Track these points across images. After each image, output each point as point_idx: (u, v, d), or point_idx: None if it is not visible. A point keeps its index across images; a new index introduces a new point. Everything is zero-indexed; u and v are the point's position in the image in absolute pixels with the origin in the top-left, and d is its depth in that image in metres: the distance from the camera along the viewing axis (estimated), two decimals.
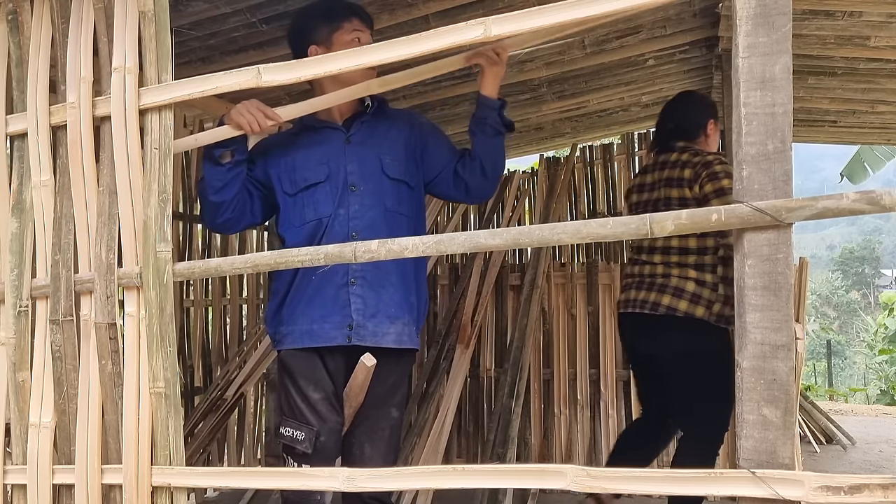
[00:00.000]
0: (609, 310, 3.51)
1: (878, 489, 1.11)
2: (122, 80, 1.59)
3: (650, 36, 2.98)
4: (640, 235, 1.26)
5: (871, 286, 37.93)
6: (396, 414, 1.92)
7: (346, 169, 1.84)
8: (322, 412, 1.81)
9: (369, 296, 1.81)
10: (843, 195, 1.14)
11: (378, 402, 1.87)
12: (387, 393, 1.88)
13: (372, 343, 1.80)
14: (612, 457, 2.60)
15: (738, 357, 1.21)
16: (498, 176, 1.95)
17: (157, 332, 1.57)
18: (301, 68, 1.50)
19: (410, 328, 1.89)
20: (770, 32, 1.19)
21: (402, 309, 1.85)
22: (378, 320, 1.81)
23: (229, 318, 3.63)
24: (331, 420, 1.82)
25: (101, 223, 1.62)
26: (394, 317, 1.84)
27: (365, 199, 1.83)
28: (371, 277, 1.82)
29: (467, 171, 1.92)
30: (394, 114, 1.99)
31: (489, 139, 1.88)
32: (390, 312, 1.83)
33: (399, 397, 1.93)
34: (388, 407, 1.89)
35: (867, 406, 7.89)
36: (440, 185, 1.98)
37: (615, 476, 1.26)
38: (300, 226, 1.84)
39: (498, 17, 1.35)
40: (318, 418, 1.81)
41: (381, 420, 1.88)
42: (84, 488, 1.61)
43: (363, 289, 1.81)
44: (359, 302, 1.80)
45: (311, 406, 1.81)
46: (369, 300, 1.81)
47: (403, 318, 1.86)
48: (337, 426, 1.84)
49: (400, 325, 1.85)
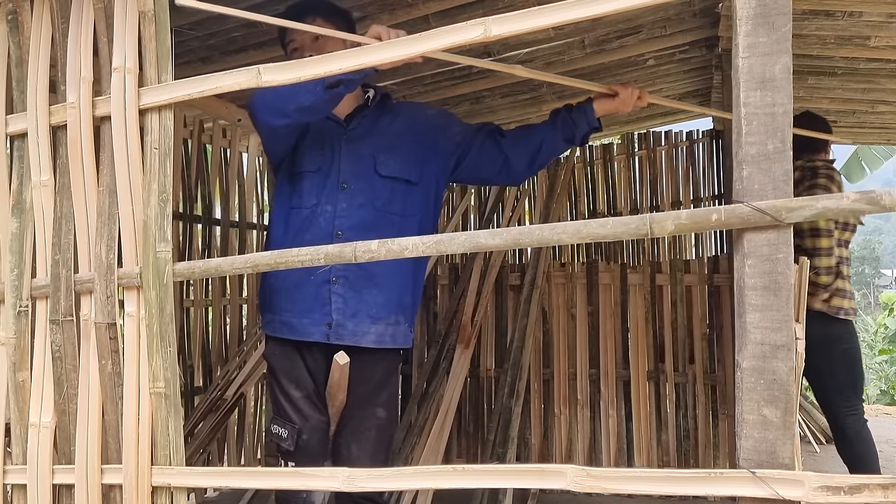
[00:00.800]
0: (609, 310, 3.51)
1: (878, 489, 1.11)
2: (123, 80, 1.59)
3: (650, 36, 2.98)
4: (640, 235, 1.26)
5: (871, 286, 37.90)
6: (383, 414, 1.89)
7: (339, 166, 1.84)
8: (304, 410, 1.82)
9: (350, 295, 1.81)
10: (843, 195, 1.14)
11: (362, 401, 1.86)
12: (371, 392, 1.87)
13: (351, 342, 1.80)
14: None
15: (738, 357, 1.21)
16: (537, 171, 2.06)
17: (158, 332, 1.57)
18: (302, 68, 1.50)
19: (398, 328, 1.87)
20: (770, 32, 1.19)
21: (388, 309, 1.84)
22: (359, 320, 1.81)
23: (229, 318, 3.63)
24: (313, 418, 1.83)
25: (101, 223, 1.62)
26: (376, 317, 1.82)
27: (355, 198, 1.82)
28: (353, 277, 1.81)
29: (516, 151, 1.94)
30: (397, 108, 1.97)
31: (562, 142, 1.94)
32: (372, 313, 1.82)
33: (385, 396, 1.91)
34: (373, 406, 1.87)
35: (867, 406, 7.87)
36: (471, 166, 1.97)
37: (615, 476, 1.26)
38: (286, 209, 1.86)
39: (498, 18, 1.34)
40: (301, 416, 1.82)
41: (367, 420, 1.86)
42: (84, 488, 1.61)
43: (344, 288, 1.81)
44: (339, 301, 1.80)
45: (293, 404, 1.83)
46: (350, 300, 1.81)
47: (388, 318, 1.84)
48: (321, 424, 1.84)
49: (382, 325, 1.83)
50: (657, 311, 3.44)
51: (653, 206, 4.82)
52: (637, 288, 3.49)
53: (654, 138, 4.95)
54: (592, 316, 3.53)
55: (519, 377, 3.35)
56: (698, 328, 3.40)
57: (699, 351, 3.39)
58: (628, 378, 3.47)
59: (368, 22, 2.30)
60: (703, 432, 3.38)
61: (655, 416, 3.42)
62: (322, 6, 1.89)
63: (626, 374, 3.47)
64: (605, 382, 3.49)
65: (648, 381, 3.45)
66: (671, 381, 3.41)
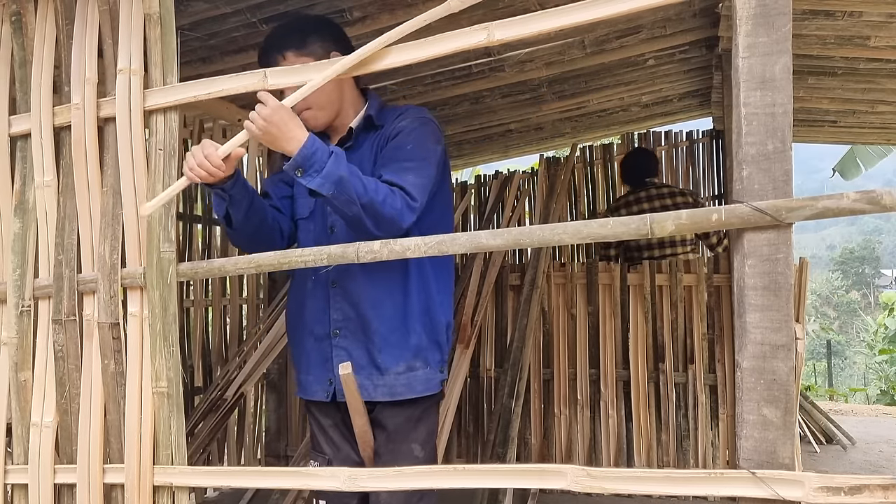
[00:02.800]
0: (609, 310, 3.51)
1: (878, 489, 1.11)
2: (128, 82, 1.60)
3: (650, 36, 2.98)
4: (640, 235, 1.26)
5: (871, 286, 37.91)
6: (422, 453, 1.68)
7: (326, 208, 1.68)
8: (335, 439, 1.76)
9: (354, 347, 1.67)
10: (843, 195, 1.14)
11: (396, 435, 1.68)
12: (405, 426, 1.68)
13: (365, 398, 1.64)
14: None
15: (738, 357, 1.21)
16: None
17: (161, 332, 1.57)
18: (307, 72, 1.50)
19: (415, 374, 1.67)
20: (770, 32, 1.19)
21: (396, 357, 1.66)
22: (366, 373, 1.65)
23: (229, 318, 3.63)
24: (344, 448, 1.74)
25: (105, 223, 1.62)
26: (384, 367, 1.65)
27: (344, 242, 1.52)
28: (353, 327, 1.67)
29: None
30: (386, 119, 1.73)
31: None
32: (378, 362, 1.65)
33: (424, 433, 1.70)
34: (409, 443, 1.67)
35: (867, 406, 7.89)
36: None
37: (615, 476, 1.27)
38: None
39: (501, 23, 1.35)
40: (332, 446, 1.76)
41: (402, 459, 1.64)
42: (86, 488, 1.61)
43: (347, 340, 1.67)
44: (343, 355, 1.66)
45: (324, 432, 1.78)
46: (355, 352, 1.66)
47: (397, 366, 1.66)
48: (353, 455, 1.73)
49: (392, 375, 1.65)
50: (657, 311, 3.45)
51: None
52: (637, 288, 3.49)
53: (654, 138, 4.95)
54: (592, 316, 3.53)
55: (519, 377, 3.36)
56: (698, 328, 3.40)
57: (699, 351, 3.39)
58: (628, 378, 3.47)
59: (369, 22, 2.30)
60: (703, 432, 3.38)
61: (655, 417, 3.43)
62: (292, 36, 1.68)
63: (626, 375, 3.48)
64: (605, 382, 3.50)
65: (648, 381, 3.45)
66: (671, 382, 3.41)
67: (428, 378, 1.69)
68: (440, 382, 1.74)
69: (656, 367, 3.43)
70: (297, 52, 1.65)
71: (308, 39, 1.67)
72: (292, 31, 1.69)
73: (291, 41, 1.67)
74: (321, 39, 1.68)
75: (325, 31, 1.71)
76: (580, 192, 5.00)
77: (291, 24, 1.72)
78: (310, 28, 1.70)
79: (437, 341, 1.72)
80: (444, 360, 1.76)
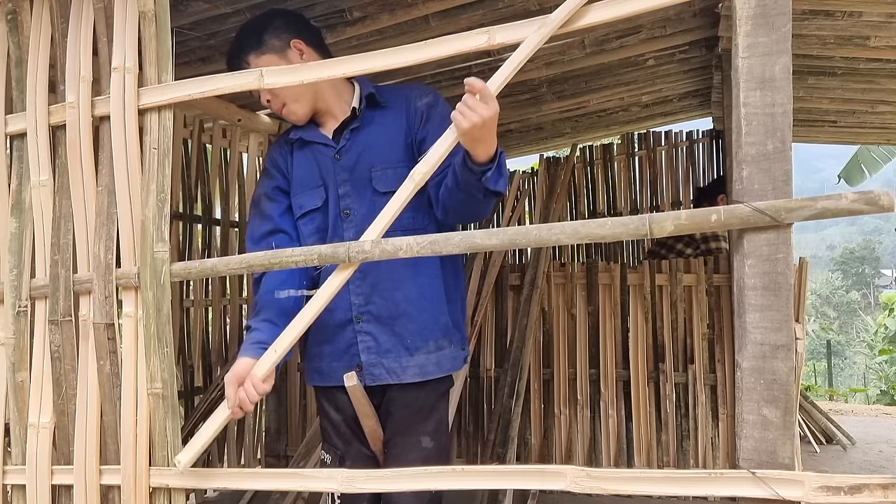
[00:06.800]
0: (609, 310, 3.51)
1: (878, 489, 1.11)
2: (122, 80, 1.59)
3: (650, 36, 2.98)
4: (640, 235, 1.25)
5: (871, 286, 37.93)
6: (430, 444, 1.68)
7: (338, 191, 1.68)
8: (346, 434, 1.75)
9: (380, 331, 1.66)
10: (842, 195, 1.14)
11: (404, 428, 1.68)
12: (414, 418, 1.68)
13: (392, 381, 1.65)
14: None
15: (738, 357, 1.20)
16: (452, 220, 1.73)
17: (155, 332, 1.56)
18: (304, 72, 1.50)
19: (441, 353, 1.69)
20: (770, 32, 1.19)
21: (426, 336, 1.67)
22: (394, 355, 1.65)
23: (229, 318, 3.62)
24: (355, 443, 1.74)
25: (100, 223, 1.62)
26: (413, 348, 1.66)
27: (362, 225, 1.52)
28: (377, 311, 1.66)
29: (434, 180, 1.59)
30: (390, 101, 1.73)
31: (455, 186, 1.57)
32: (407, 343, 1.66)
33: (433, 424, 1.70)
34: (417, 435, 1.68)
35: (867, 406, 7.88)
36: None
37: (615, 477, 1.26)
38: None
39: (503, 27, 1.35)
40: (343, 441, 1.75)
41: (410, 450, 1.66)
42: (83, 489, 1.61)
43: (371, 324, 1.66)
44: (368, 339, 1.66)
45: (335, 427, 1.76)
46: (380, 335, 1.66)
47: (427, 345, 1.66)
48: (364, 450, 1.74)
49: (422, 355, 1.66)
50: (657, 311, 3.44)
51: (653, 207, 4.83)
52: (637, 288, 3.49)
53: (654, 138, 4.95)
54: (592, 316, 3.53)
55: (519, 377, 3.35)
56: (698, 328, 3.40)
57: (699, 351, 3.39)
58: (628, 378, 3.46)
59: (369, 22, 2.29)
60: (703, 432, 3.38)
61: (655, 417, 3.42)
62: (248, 40, 1.68)
63: (626, 375, 3.47)
64: (605, 383, 3.49)
65: (648, 381, 3.44)
66: (671, 382, 3.40)
67: (454, 356, 1.72)
68: (464, 359, 1.78)
69: (656, 367, 3.43)
70: (256, 53, 1.67)
71: (263, 37, 1.67)
72: (248, 34, 1.70)
73: (248, 44, 1.68)
74: (275, 32, 1.68)
75: (277, 22, 1.70)
76: (580, 193, 5.00)
77: (246, 28, 1.74)
78: (261, 26, 1.70)
79: (459, 318, 1.76)
80: (465, 337, 1.79)
